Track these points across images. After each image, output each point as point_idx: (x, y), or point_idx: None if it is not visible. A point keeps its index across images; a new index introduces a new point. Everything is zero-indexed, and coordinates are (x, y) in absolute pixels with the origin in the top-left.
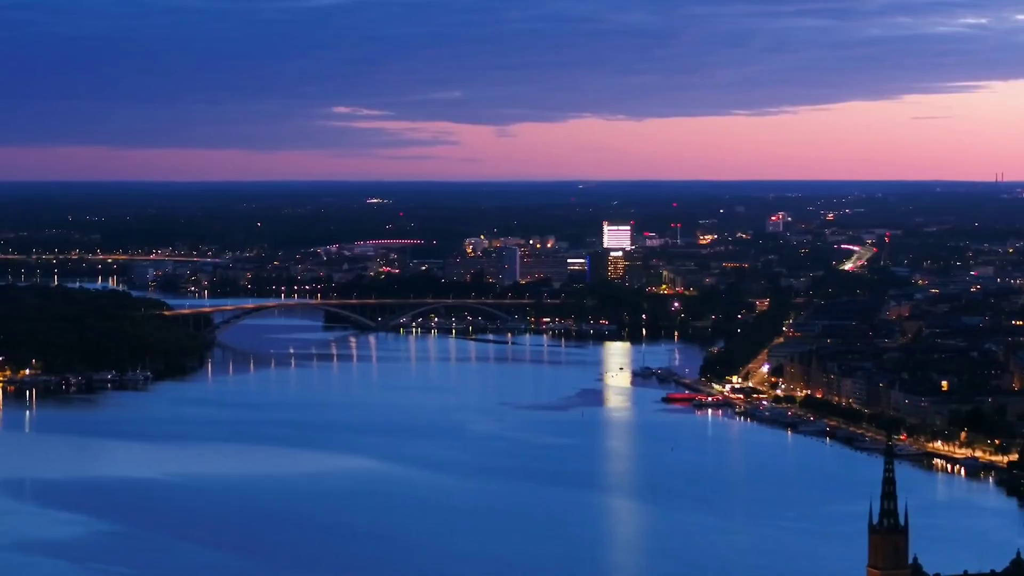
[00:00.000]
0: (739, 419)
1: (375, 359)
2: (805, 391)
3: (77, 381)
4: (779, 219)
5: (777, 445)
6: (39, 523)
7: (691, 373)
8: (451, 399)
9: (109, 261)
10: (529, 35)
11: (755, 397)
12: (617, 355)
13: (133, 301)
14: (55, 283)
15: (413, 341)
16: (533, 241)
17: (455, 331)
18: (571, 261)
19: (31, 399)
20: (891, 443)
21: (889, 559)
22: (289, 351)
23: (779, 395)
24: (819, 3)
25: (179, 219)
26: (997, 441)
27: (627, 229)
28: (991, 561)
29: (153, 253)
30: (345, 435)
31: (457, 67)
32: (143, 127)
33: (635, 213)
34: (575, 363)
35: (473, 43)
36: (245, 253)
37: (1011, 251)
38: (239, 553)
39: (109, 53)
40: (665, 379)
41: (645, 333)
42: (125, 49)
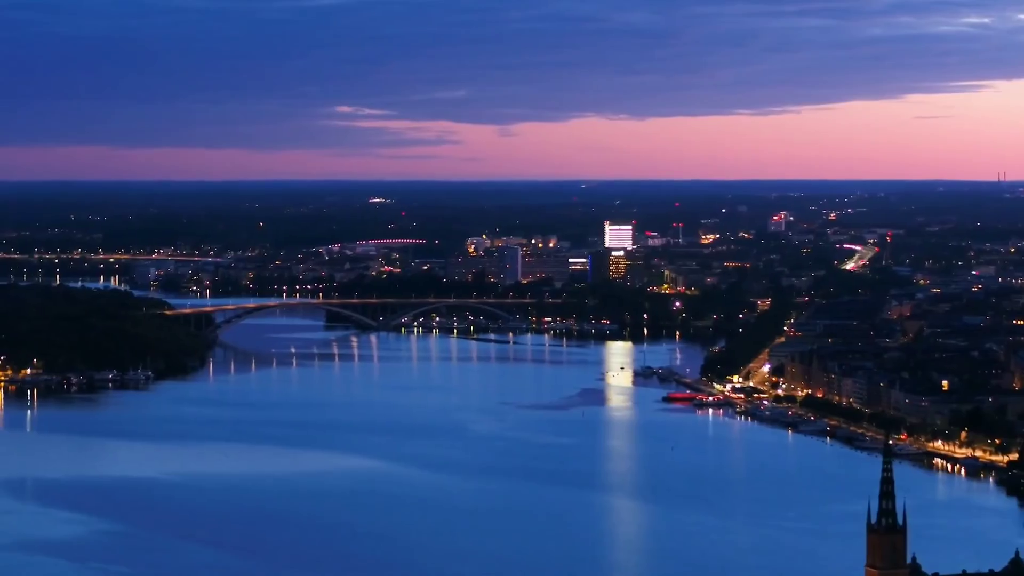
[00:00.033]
0: (740, 419)
1: (376, 359)
2: (806, 391)
3: (78, 381)
4: (781, 219)
5: (777, 445)
6: (40, 522)
7: (692, 373)
8: (452, 399)
9: (111, 260)
10: (531, 35)
11: (756, 397)
12: (618, 355)
13: (134, 301)
14: (57, 282)
15: (414, 341)
16: (535, 241)
17: (456, 331)
18: (572, 261)
19: (32, 399)
20: (889, 443)
21: (887, 559)
22: (290, 351)
23: (780, 395)
24: (821, 3)
25: (181, 219)
26: (997, 441)
27: (628, 229)
28: (990, 561)
29: (155, 253)
30: (346, 435)
31: (459, 67)
32: (145, 127)
33: (637, 213)
34: (576, 363)
35: (475, 43)
36: (247, 253)
37: (1013, 251)
38: (240, 553)
39: (110, 53)
40: (666, 379)
41: (646, 333)
42: (126, 49)
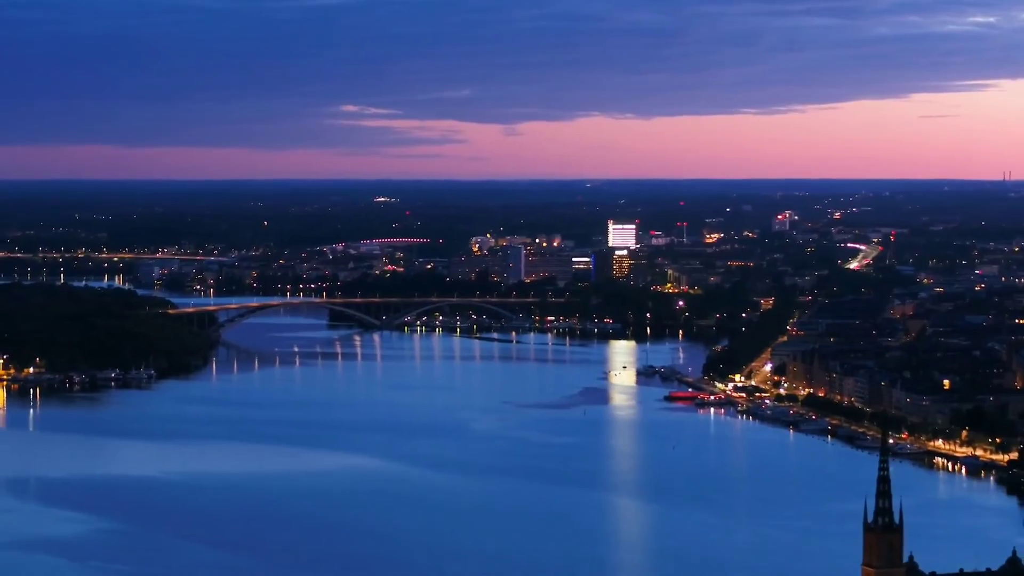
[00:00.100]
0: (741, 418)
1: (379, 358)
2: (808, 390)
3: (81, 379)
4: (785, 218)
5: (779, 444)
6: (41, 521)
7: (695, 372)
8: (455, 398)
9: (115, 260)
10: (537, 34)
11: (757, 396)
12: (621, 354)
13: (137, 300)
14: (61, 282)
15: (417, 340)
16: (539, 240)
17: (459, 330)
18: (576, 260)
19: (35, 397)
20: (886, 441)
21: (884, 558)
22: (293, 349)
23: (781, 394)
24: (827, 2)
25: (185, 218)
26: (998, 440)
27: (632, 228)
28: (989, 560)
29: (159, 252)
30: (348, 434)
31: (464, 66)
32: (149, 126)
33: (642, 212)
34: (579, 362)
35: (480, 42)
36: (251, 252)
37: (1016, 250)
38: (241, 551)
39: (115, 52)
40: (668, 378)
41: (649, 332)
42: (131, 48)
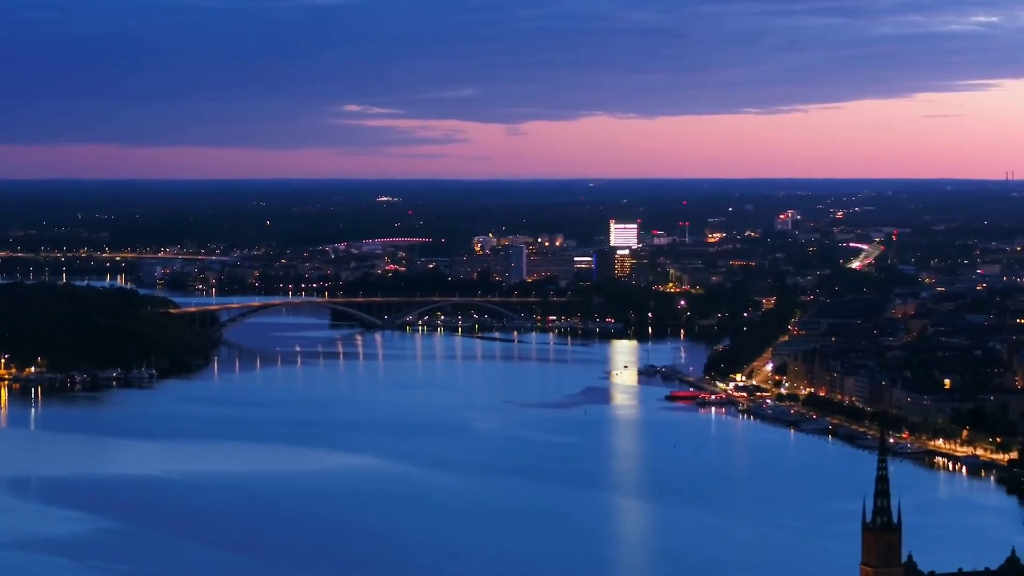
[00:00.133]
0: (742, 417)
1: (381, 357)
2: (808, 389)
3: (82, 379)
4: (788, 217)
5: (779, 443)
6: (41, 520)
7: (696, 371)
8: (456, 397)
9: (117, 259)
10: (539, 33)
11: (758, 395)
12: (623, 353)
13: (139, 299)
14: (63, 281)
15: (419, 339)
16: (541, 239)
17: (461, 329)
18: (578, 259)
19: (36, 397)
20: (885, 441)
21: (882, 557)
22: (295, 349)
23: (782, 393)
24: (829, 1)
25: (188, 217)
26: (998, 439)
27: (634, 228)
28: (988, 559)
29: (161, 251)
30: (350, 433)
31: (467, 66)
32: (153, 125)
33: (644, 211)
34: (581, 361)
35: (483, 42)
36: (253, 251)
37: (1019, 249)
38: (241, 551)
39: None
40: (669, 377)
41: (651, 331)
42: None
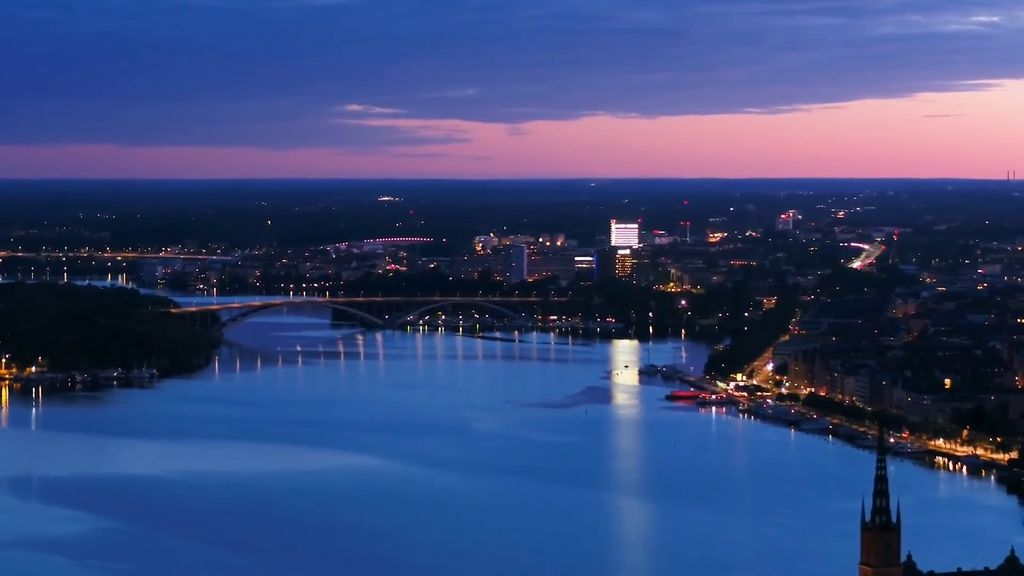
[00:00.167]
0: (742, 417)
1: (382, 357)
2: (809, 389)
3: (83, 378)
4: (789, 217)
5: (780, 443)
6: (42, 520)
7: (696, 371)
8: (457, 397)
9: (119, 259)
10: (541, 33)
11: (759, 395)
12: (623, 353)
13: (140, 299)
14: (64, 281)
15: (420, 339)
16: (542, 239)
17: (462, 329)
18: (579, 259)
19: (37, 396)
20: (884, 441)
21: (881, 557)
22: (296, 349)
23: (783, 393)
24: (830, 1)
25: (189, 217)
26: (998, 439)
27: (635, 227)
28: (988, 559)
29: (162, 251)
30: (350, 433)
31: (469, 65)
32: (154, 125)
33: (646, 211)
34: (581, 361)
35: (485, 41)
36: (254, 251)
37: (1020, 248)
38: (242, 551)
39: (121, 51)
40: (670, 377)
41: (652, 331)
42: (137, 47)
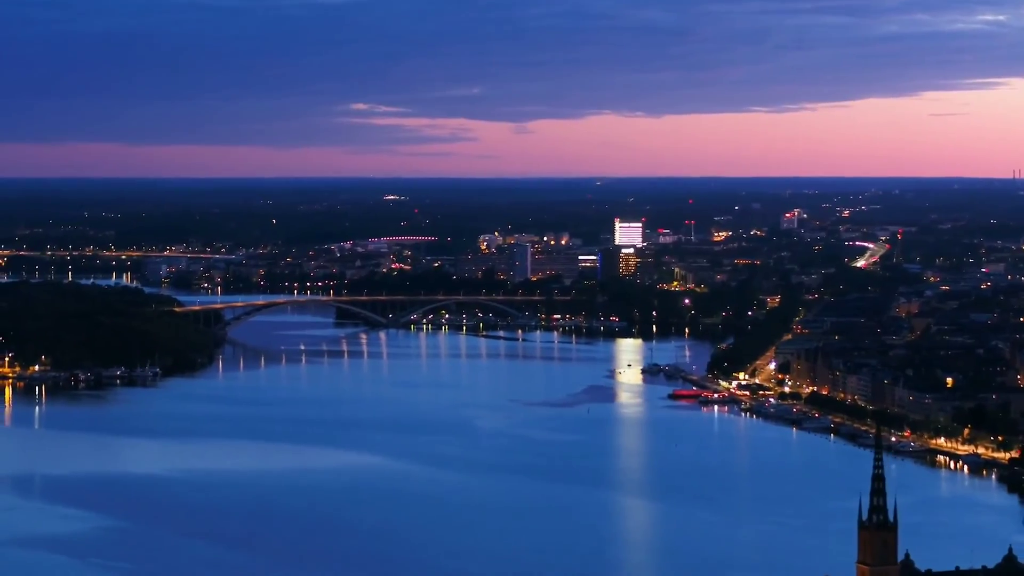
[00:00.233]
0: (745, 415)
1: (385, 356)
2: (811, 388)
3: (86, 377)
4: (794, 216)
5: (781, 441)
6: (44, 518)
7: (699, 370)
8: (461, 395)
9: (123, 257)
10: (547, 32)
11: (761, 394)
12: (627, 352)
13: (144, 297)
14: (69, 279)
15: (424, 338)
16: (547, 238)
17: (466, 328)
18: (583, 258)
19: (41, 395)
20: (881, 440)
21: (878, 555)
22: (300, 347)
23: (785, 392)
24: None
25: (193, 216)
26: (1000, 438)
27: (639, 226)
28: (987, 557)
29: (167, 250)
30: (354, 431)
31: (475, 64)
32: (158, 124)
33: (651, 210)
34: (585, 360)
35: (491, 40)
36: (258, 250)
37: None
38: (245, 549)
39: (125, 50)
40: (673, 376)
41: (656, 330)
42: (142, 46)
